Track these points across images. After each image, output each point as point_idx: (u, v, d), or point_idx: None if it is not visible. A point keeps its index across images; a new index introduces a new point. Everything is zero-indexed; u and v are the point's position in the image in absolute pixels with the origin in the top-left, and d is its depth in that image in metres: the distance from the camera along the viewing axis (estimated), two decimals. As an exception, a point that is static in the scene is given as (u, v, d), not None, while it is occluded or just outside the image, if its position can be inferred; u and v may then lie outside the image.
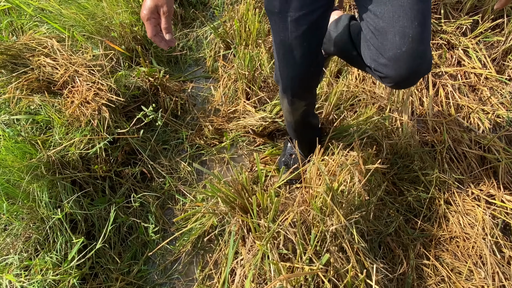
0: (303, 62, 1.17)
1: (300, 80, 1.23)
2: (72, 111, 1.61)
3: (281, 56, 1.18)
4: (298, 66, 1.18)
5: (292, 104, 1.34)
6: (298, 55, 1.15)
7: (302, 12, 1.08)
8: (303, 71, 1.20)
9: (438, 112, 2.10)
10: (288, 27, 1.08)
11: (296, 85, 1.25)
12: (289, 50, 1.14)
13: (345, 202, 1.28)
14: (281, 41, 1.13)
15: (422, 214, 1.59)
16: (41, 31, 2.03)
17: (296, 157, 1.74)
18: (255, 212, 1.27)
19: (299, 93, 1.29)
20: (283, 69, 1.21)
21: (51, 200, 1.40)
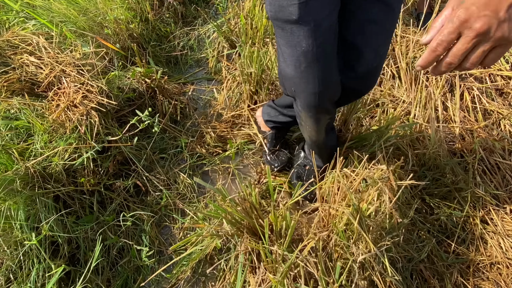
0: (330, 72, 1.01)
1: (328, 94, 1.05)
2: (57, 116, 1.41)
3: (303, 70, 0.99)
4: (325, 78, 1.00)
5: (318, 122, 1.17)
6: (324, 65, 0.98)
7: (324, 14, 0.92)
8: (331, 82, 1.03)
9: (465, 118, 1.90)
10: (312, 34, 0.93)
11: (325, 100, 1.06)
12: (314, 61, 0.96)
13: (373, 225, 1.07)
14: (303, 52, 0.95)
15: (456, 235, 1.39)
16: (27, 27, 1.85)
17: (311, 169, 1.54)
18: (267, 237, 1.07)
19: (326, 109, 1.11)
20: (305, 85, 1.02)
21: (28, 220, 1.20)
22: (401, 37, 2.24)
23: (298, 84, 1.04)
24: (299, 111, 1.18)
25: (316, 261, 1.00)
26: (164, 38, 2.22)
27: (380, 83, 2.03)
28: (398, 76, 2.02)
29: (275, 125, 1.63)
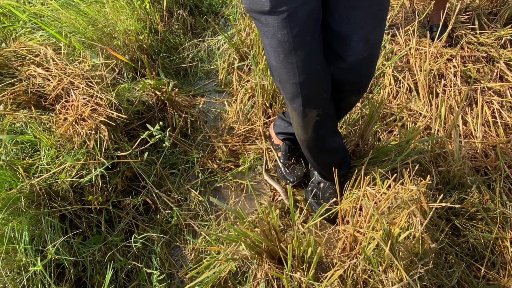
0: (312, 61, 0.99)
1: (311, 84, 1.02)
2: (65, 130, 1.35)
3: (282, 60, 0.98)
4: (307, 67, 0.98)
5: (304, 116, 1.11)
6: (303, 55, 0.96)
7: (298, 3, 0.90)
8: (314, 72, 1.00)
9: (485, 133, 1.83)
10: (286, 24, 0.93)
11: (306, 91, 1.03)
12: (291, 51, 0.96)
13: (404, 250, 1.00)
14: (280, 42, 0.95)
15: (486, 258, 1.30)
16: (35, 38, 1.80)
17: (325, 186, 1.46)
18: (290, 264, 0.99)
19: (311, 101, 1.06)
20: (287, 76, 1.01)
21: (33, 241, 1.12)
22: (415, 49, 2.19)
23: (281, 74, 1.03)
24: (287, 105, 1.15)
25: (344, 291, 0.92)
26: (174, 49, 2.18)
27: (396, 95, 1.97)
28: (416, 89, 1.96)
29: (286, 136, 1.57)
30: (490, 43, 2.26)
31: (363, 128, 1.56)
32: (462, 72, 2.14)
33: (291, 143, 1.58)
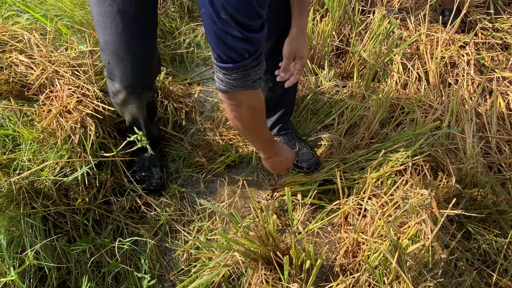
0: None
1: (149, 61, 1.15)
2: (48, 123, 1.26)
3: (121, 32, 1.01)
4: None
5: (140, 99, 1.22)
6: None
7: None
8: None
9: (499, 126, 1.72)
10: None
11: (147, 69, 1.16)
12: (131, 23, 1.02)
13: (412, 261, 0.91)
14: (120, 10, 0.98)
15: (498, 265, 1.21)
16: (19, 22, 1.69)
17: (303, 151, 1.42)
18: (286, 275, 0.91)
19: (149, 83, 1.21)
20: (125, 52, 1.06)
21: (11, 244, 1.05)
22: (426, 35, 2.06)
23: (117, 52, 1.02)
24: (116, 90, 1.17)
25: (346, 307, 0.84)
26: (169, 34, 2.05)
27: (404, 85, 1.85)
28: (426, 78, 1.84)
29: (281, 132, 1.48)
30: (506, 29, 2.12)
31: (369, 120, 1.46)
32: (476, 60, 2.00)
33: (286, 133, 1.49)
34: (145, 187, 1.40)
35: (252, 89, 0.89)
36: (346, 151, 1.48)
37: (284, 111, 1.43)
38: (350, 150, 1.48)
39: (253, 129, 1.04)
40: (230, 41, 0.76)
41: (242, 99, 0.91)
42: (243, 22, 0.74)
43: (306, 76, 1.78)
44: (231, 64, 0.81)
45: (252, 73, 0.85)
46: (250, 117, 0.97)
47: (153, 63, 1.16)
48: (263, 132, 1.08)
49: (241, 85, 0.86)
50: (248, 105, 0.94)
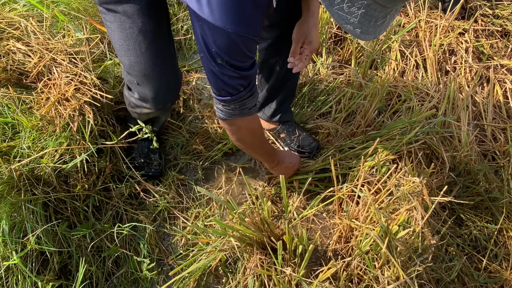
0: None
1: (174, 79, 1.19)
2: (46, 111, 1.27)
3: (144, 51, 1.05)
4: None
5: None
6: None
7: None
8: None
9: (496, 114, 1.73)
10: (146, 11, 1.01)
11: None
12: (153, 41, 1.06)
13: (402, 247, 0.93)
14: (141, 31, 1.02)
15: (488, 250, 1.25)
16: (16, 8, 1.68)
17: (303, 136, 1.45)
18: (280, 259, 0.94)
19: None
20: (152, 70, 1.09)
21: (13, 230, 1.08)
22: (425, 22, 2.04)
23: (144, 71, 1.05)
24: (146, 109, 1.19)
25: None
26: (167, 21, 2.04)
27: (402, 73, 1.85)
28: (424, 66, 1.84)
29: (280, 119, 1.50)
30: (506, 15, 2.10)
31: (366, 108, 1.47)
32: (475, 47, 2.00)
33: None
34: (144, 173, 1.42)
35: (249, 115, 1.01)
36: (343, 138, 1.49)
37: (285, 96, 1.44)
38: (346, 137, 1.49)
39: (254, 146, 1.16)
40: (227, 80, 0.88)
41: (241, 124, 1.03)
42: (236, 65, 0.86)
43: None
44: (229, 97, 0.93)
45: (247, 102, 0.96)
46: (249, 137, 1.10)
47: (179, 77, 1.18)
48: (263, 147, 1.18)
49: (239, 113, 0.98)
50: (247, 128, 1.05)
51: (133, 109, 1.26)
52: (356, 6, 0.71)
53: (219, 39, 0.81)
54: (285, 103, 1.46)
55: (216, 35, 0.80)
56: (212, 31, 0.80)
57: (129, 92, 1.20)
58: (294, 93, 1.50)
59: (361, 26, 0.73)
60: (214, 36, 0.81)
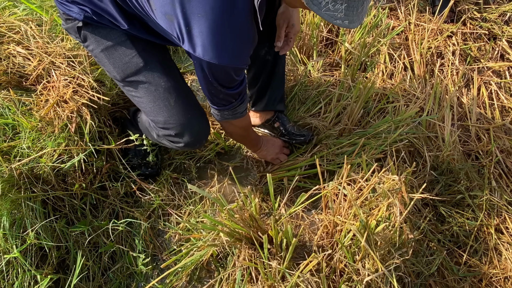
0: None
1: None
2: (45, 112, 1.33)
3: (174, 104, 1.15)
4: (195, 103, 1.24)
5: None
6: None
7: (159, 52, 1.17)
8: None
9: (481, 115, 1.78)
10: (164, 72, 1.16)
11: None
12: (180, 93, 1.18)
13: (382, 241, 0.99)
14: (167, 88, 1.14)
15: (468, 245, 1.30)
16: (16, 13, 1.73)
17: (293, 126, 1.54)
18: (266, 252, 0.99)
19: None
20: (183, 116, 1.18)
21: (13, 226, 1.13)
22: (415, 25, 2.10)
23: (179, 121, 1.15)
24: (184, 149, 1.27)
25: (318, 281, 0.93)
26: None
27: (391, 75, 1.90)
28: (411, 68, 1.90)
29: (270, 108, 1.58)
30: (493, 19, 2.16)
31: (352, 108, 1.52)
32: (462, 50, 2.06)
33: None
34: (140, 173, 1.47)
35: (240, 118, 1.16)
36: (332, 137, 1.55)
37: (277, 82, 1.51)
38: (334, 136, 1.55)
39: (242, 137, 1.37)
40: (222, 96, 1.05)
41: (234, 123, 1.20)
42: (228, 86, 1.02)
43: (295, 66, 1.84)
44: (222, 107, 1.09)
45: (239, 108, 1.13)
46: (240, 131, 1.29)
47: (205, 114, 1.25)
48: (250, 136, 1.37)
49: (232, 117, 1.15)
50: (238, 126, 1.23)
51: (169, 144, 1.30)
52: (339, 3, 0.78)
53: (216, 71, 0.94)
54: (278, 90, 1.53)
55: (213, 68, 0.93)
56: (208, 65, 0.92)
57: (169, 143, 1.27)
58: (284, 80, 1.56)
59: (347, 17, 0.82)
60: (211, 69, 0.93)
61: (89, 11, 1.02)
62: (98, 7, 1.01)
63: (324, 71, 1.88)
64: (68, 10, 1.05)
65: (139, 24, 1.05)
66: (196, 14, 0.85)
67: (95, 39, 1.07)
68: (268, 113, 1.57)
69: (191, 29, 0.87)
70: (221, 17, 0.86)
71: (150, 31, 1.06)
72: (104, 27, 1.06)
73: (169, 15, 0.88)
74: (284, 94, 1.58)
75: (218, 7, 0.84)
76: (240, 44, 0.93)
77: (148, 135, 1.37)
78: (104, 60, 1.10)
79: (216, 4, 0.84)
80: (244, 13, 0.88)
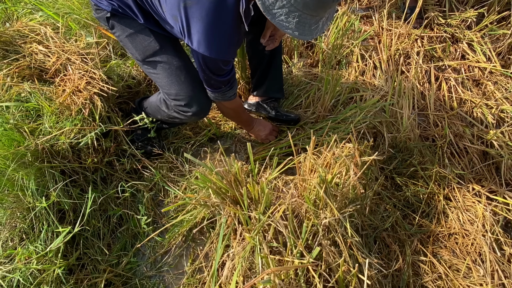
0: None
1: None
2: (64, 99, 1.57)
3: (184, 80, 1.39)
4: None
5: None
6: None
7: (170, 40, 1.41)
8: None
9: (440, 106, 2.04)
10: (175, 52, 1.42)
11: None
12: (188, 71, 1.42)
13: (339, 195, 1.23)
14: (179, 67, 1.39)
15: (420, 210, 1.54)
16: (35, 18, 2.00)
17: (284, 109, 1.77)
18: (246, 204, 1.23)
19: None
20: (191, 88, 1.42)
21: (38, 188, 1.36)
22: (387, 30, 2.38)
23: (189, 93, 1.39)
24: (191, 118, 1.50)
25: (286, 223, 1.16)
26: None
27: (362, 73, 2.17)
28: (380, 66, 2.16)
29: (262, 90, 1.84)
30: (456, 24, 2.44)
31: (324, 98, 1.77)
32: (427, 51, 2.33)
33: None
34: (145, 152, 1.71)
35: (230, 100, 1.42)
36: (308, 123, 1.80)
37: (275, 71, 1.77)
38: (311, 122, 1.80)
39: (233, 117, 1.64)
40: (213, 81, 1.30)
41: (226, 104, 1.47)
42: (218, 73, 1.26)
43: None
44: (214, 89, 1.35)
45: (227, 93, 1.38)
46: (230, 112, 1.55)
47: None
48: (241, 117, 1.63)
49: (222, 99, 1.40)
50: (229, 107, 1.50)
51: (172, 119, 1.56)
52: (291, 16, 1.02)
53: (207, 61, 1.20)
54: (274, 80, 1.79)
55: (205, 59, 1.19)
56: (202, 56, 1.17)
57: (178, 114, 1.50)
58: (281, 71, 1.82)
59: (298, 30, 1.05)
60: (204, 59, 1.19)
61: (115, 4, 1.29)
62: (123, 2, 1.28)
63: (305, 70, 2.14)
64: (99, 2, 1.32)
65: (153, 21, 1.31)
66: (195, 18, 1.11)
67: (121, 27, 1.34)
68: (264, 97, 1.82)
69: (190, 28, 1.13)
70: (212, 21, 1.11)
71: (161, 27, 1.32)
72: (128, 17, 1.33)
73: (175, 16, 1.14)
74: (282, 83, 1.83)
75: (210, 14, 1.10)
76: (225, 42, 1.17)
77: (158, 114, 1.58)
78: (128, 44, 1.37)
79: (209, 11, 1.10)
80: (231, 19, 1.13)
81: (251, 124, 1.69)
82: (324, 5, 1.01)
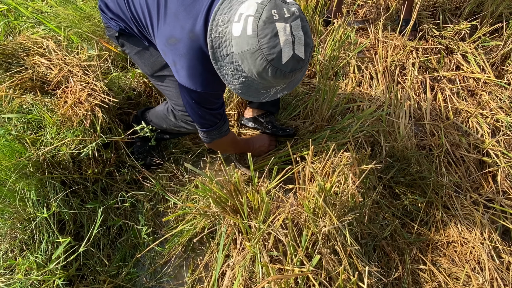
0: None
1: None
2: (65, 111, 1.59)
3: None
4: None
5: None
6: None
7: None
8: None
9: (436, 116, 2.07)
10: None
11: None
12: None
13: (338, 203, 1.24)
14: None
15: (418, 218, 1.55)
16: (37, 32, 2.03)
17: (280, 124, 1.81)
18: (246, 213, 1.24)
19: None
20: None
21: (39, 199, 1.37)
22: (382, 42, 2.42)
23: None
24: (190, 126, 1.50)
25: (286, 232, 1.17)
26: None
27: (359, 83, 2.20)
28: (376, 77, 2.20)
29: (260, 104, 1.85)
30: (450, 36, 2.50)
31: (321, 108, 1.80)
32: (422, 62, 2.37)
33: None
34: (145, 163, 1.72)
35: (225, 135, 1.42)
36: (307, 133, 1.82)
37: None
38: (309, 132, 1.82)
39: (234, 148, 1.63)
40: (207, 116, 1.30)
41: (221, 141, 1.45)
42: (209, 107, 1.27)
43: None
44: (209, 127, 1.35)
45: (223, 127, 1.38)
46: (229, 147, 1.56)
47: None
48: (240, 146, 1.63)
49: (219, 136, 1.40)
50: (226, 142, 1.48)
51: (178, 129, 1.57)
52: (238, 75, 1.04)
53: (194, 95, 1.21)
54: None
55: (192, 93, 1.20)
56: (188, 90, 1.20)
57: (186, 124, 1.51)
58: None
59: (241, 89, 1.07)
60: (190, 94, 1.21)
61: (122, 26, 1.35)
62: (127, 26, 1.34)
63: (302, 81, 2.17)
64: (109, 22, 1.38)
65: (154, 46, 1.35)
66: (179, 54, 1.15)
67: (129, 45, 1.41)
68: (260, 111, 1.84)
69: (176, 63, 1.17)
70: (194, 57, 1.14)
71: None
72: (135, 36, 1.38)
73: (163, 51, 1.19)
74: (278, 98, 1.85)
75: (192, 51, 1.13)
76: (208, 77, 1.17)
77: (164, 123, 1.59)
78: (137, 60, 1.43)
79: (191, 49, 1.12)
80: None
81: (249, 146, 1.70)
82: (283, 77, 0.98)
